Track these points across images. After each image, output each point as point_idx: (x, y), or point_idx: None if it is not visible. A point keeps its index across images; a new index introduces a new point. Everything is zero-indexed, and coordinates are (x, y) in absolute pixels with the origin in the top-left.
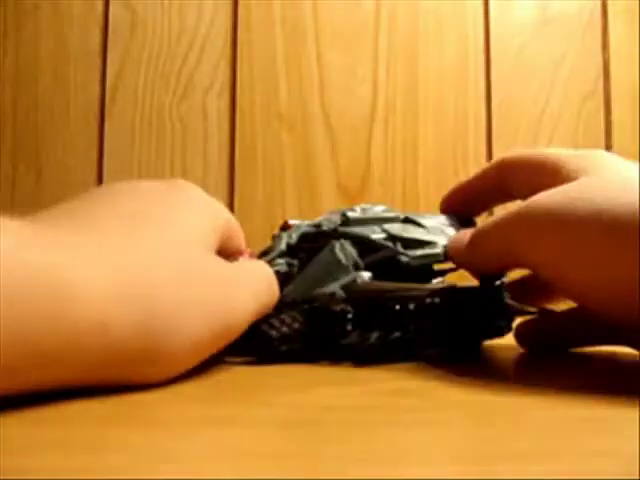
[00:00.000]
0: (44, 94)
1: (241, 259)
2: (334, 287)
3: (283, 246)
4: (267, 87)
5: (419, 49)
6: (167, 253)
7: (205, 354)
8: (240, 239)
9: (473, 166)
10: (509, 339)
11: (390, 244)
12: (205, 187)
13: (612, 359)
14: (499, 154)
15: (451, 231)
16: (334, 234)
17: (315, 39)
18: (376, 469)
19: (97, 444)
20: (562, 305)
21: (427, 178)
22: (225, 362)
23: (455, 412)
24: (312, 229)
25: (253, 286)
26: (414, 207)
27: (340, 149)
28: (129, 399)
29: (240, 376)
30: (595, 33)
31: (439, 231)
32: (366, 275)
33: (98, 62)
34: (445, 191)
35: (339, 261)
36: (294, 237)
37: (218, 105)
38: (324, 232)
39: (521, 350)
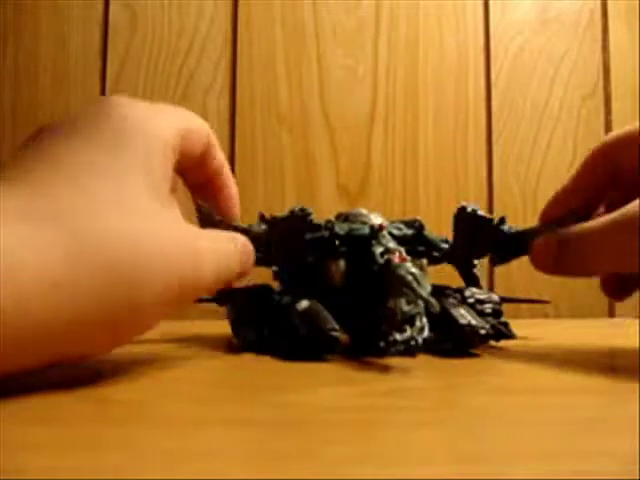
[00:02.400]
0: (44, 94)
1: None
2: None
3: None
4: (267, 87)
5: (419, 49)
6: (117, 210)
7: (172, 307)
8: (208, 146)
9: (473, 166)
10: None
11: None
12: None
13: (611, 358)
14: (499, 154)
15: None
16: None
17: (315, 39)
18: (376, 469)
19: (97, 444)
20: None
21: (427, 178)
22: (224, 362)
23: (455, 412)
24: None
25: (213, 241)
26: (414, 207)
27: (340, 149)
28: (128, 399)
29: (240, 376)
30: (595, 33)
31: None
32: None
33: (98, 62)
34: (445, 192)
35: None
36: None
37: (218, 105)
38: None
39: (520, 350)
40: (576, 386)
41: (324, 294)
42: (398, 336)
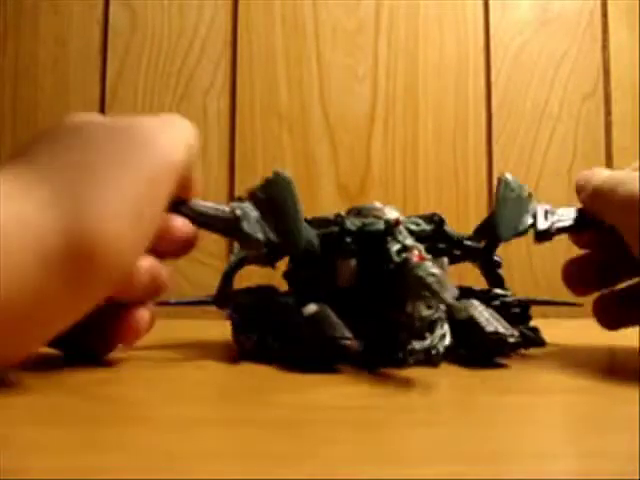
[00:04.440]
0: (44, 94)
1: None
2: None
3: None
4: (267, 87)
5: (419, 49)
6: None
7: (143, 210)
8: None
9: (473, 166)
10: None
11: None
12: (205, 187)
13: (612, 359)
14: (499, 154)
15: None
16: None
17: (315, 39)
18: (376, 469)
19: (97, 444)
20: None
21: (427, 178)
22: (224, 362)
23: (455, 412)
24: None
25: (176, 130)
26: (414, 207)
27: (340, 149)
28: (128, 399)
29: (240, 376)
30: (595, 33)
31: None
32: None
33: (98, 62)
34: (445, 192)
35: None
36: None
37: (218, 105)
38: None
39: (519, 351)
40: (576, 386)
41: (333, 296)
42: (417, 345)
